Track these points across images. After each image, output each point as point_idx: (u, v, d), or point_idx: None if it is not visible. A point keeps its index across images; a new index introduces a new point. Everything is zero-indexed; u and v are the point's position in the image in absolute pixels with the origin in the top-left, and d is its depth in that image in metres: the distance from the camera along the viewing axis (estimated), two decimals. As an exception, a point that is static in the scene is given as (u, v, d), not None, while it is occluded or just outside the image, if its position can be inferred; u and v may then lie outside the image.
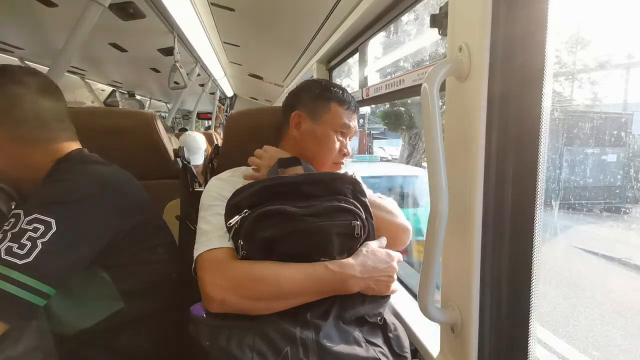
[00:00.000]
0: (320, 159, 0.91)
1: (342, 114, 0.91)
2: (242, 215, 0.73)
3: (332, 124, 0.90)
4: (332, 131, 0.90)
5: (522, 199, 0.56)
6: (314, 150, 0.91)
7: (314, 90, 0.93)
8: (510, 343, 0.61)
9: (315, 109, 0.91)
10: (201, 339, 0.67)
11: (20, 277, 0.59)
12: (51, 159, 0.76)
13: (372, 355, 0.67)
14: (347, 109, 0.92)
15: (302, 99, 0.93)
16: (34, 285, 0.60)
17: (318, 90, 0.93)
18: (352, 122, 0.93)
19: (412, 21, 1.69)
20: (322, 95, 0.92)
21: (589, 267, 2.33)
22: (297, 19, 1.82)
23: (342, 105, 0.91)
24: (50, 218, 0.63)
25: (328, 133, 0.90)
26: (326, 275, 0.70)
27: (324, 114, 0.90)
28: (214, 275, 0.70)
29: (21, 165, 0.74)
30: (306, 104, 0.92)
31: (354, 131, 0.94)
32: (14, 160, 0.74)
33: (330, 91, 0.92)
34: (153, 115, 1.21)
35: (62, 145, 0.78)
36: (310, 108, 0.91)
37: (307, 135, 0.91)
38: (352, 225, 0.74)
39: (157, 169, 1.25)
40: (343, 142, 0.92)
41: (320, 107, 0.91)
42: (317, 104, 0.91)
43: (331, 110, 0.90)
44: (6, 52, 2.93)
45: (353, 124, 0.93)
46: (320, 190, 0.76)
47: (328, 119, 0.90)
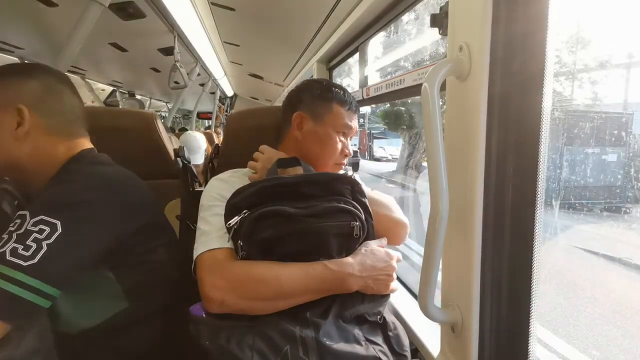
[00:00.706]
0: (323, 160, 0.91)
1: (344, 114, 0.91)
2: (241, 215, 0.73)
3: (334, 124, 0.90)
4: (334, 132, 0.90)
5: (522, 199, 0.56)
6: (316, 151, 0.91)
7: (315, 90, 0.93)
8: (510, 343, 0.61)
9: (317, 109, 0.91)
10: (201, 339, 0.67)
11: (25, 278, 0.59)
12: (67, 154, 0.77)
13: (372, 353, 0.67)
14: (349, 109, 0.92)
15: (303, 100, 0.93)
16: (38, 287, 0.60)
17: (319, 90, 0.92)
18: (353, 122, 0.93)
19: (412, 21, 1.68)
20: (323, 95, 0.92)
21: (589, 267, 2.32)
22: (297, 18, 1.82)
23: (344, 106, 0.91)
24: (56, 220, 0.63)
25: (330, 134, 0.90)
26: (325, 274, 0.70)
27: (325, 115, 0.90)
28: (214, 276, 0.70)
29: (43, 157, 0.75)
30: (307, 105, 0.92)
31: (354, 131, 0.94)
32: (39, 151, 0.75)
33: (331, 91, 0.92)
34: (153, 115, 1.21)
35: (79, 141, 0.81)
36: (312, 109, 0.91)
37: (309, 136, 0.91)
38: (351, 226, 0.74)
39: (157, 169, 1.25)
40: (344, 143, 0.92)
41: (321, 107, 0.91)
42: (318, 104, 0.91)
43: (333, 110, 0.90)
44: (6, 51, 2.93)
45: (354, 124, 0.93)
46: (319, 191, 0.77)
47: (330, 119, 0.90)
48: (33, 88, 0.75)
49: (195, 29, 2.41)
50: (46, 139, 0.75)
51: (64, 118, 0.78)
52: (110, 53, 2.93)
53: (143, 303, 0.78)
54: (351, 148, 0.95)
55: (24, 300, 0.59)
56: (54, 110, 0.77)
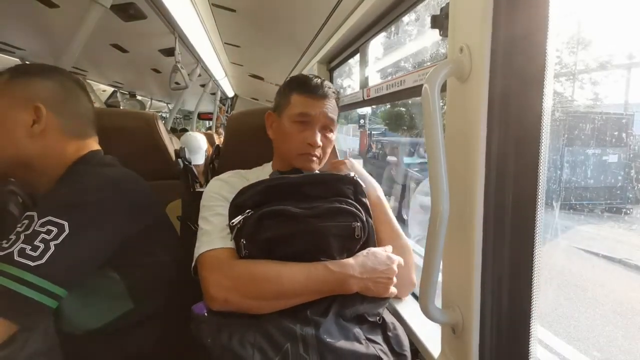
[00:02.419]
0: (287, 153, 0.88)
1: (301, 102, 0.86)
2: (244, 215, 0.73)
3: (290, 114, 0.87)
4: (290, 121, 0.87)
5: (522, 200, 0.56)
6: (281, 145, 0.90)
7: (281, 87, 0.94)
8: (511, 343, 0.61)
9: (279, 104, 0.91)
10: (203, 337, 0.68)
11: (33, 278, 0.59)
12: (76, 155, 0.78)
13: (372, 352, 0.67)
14: (308, 96, 0.86)
15: (275, 99, 0.94)
16: (46, 287, 0.60)
17: (284, 85, 0.93)
18: (317, 109, 0.85)
19: (412, 22, 1.68)
20: (283, 89, 0.92)
21: (589, 268, 2.32)
22: (297, 19, 1.82)
23: (302, 94, 0.87)
24: (63, 220, 0.63)
25: (288, 124, 0.87)
26: (326, 274, 0.71)
27: (284, 107, 0.89)
28: (217, 275, 0.71)
29: (52, 157, 0.76)
30: (276, 102, 0.93)
31: (322, 119, 0.86)
32: (50, 150, 0.76)
33: (291, 83, 0.90)
34: (154, 115, 1.21)
35: (88, 143, 0.82)
36: (277, 105, 0.92)
37: (276, 133, 0.92)
38: (352, 227, 0.75)
39: (158, 170, 1.25)
40: (308, 133, 0.86)
41: (282, 100, 0.91)
42: (280, 99, 0.92)
43: (291, 101, 0.88)
44: (7, 52, 2.93)
45: (317, 111, 0.85)
46: (322, 191, 0.77)
47: (287, 110, 0.88)
48: (52, 88, 0.77)
49: (196, 30, 2.41)
50: (59, 138, 0.77)
51: (78, 120, 0.81)
52: (111, 54, 2.93)
53: (146, 303, 0.78)
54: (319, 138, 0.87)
55: (31, 300, 0.59)
56: (70, 112, 0.79)
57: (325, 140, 0.88)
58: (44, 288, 0.60)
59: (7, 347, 0.60)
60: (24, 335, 0.62)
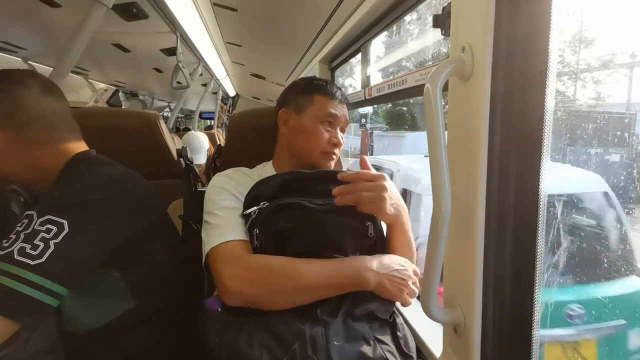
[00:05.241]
0: (309, 151, 0.90)
1: (327, 103, 0.90)
2: (260, 206, 0.73)
3: (317, 114, 0.90)
4: (317, 122, 0.89)
5: (524, 199, 0.56)
6: (302, 143, 0.91)
7: (298, 87, 0.94)
8: (513, 343, 0.61)
9: (300, 103, 0.92)
10: (209, 336, 0.67)
11: (33, 277, 0.59)
12: (61, 160, 0.76)
13: (380, 354, 0.67)
14: (332, 98, 0.91)
15: (288, 98, 0.95)
16: (46, 286, 0.60)
17: (302, 85, 0.94)
18: (339, 111, 0.91)
19: (414, 21, 1.68)
20: (305, 89, 0.93)
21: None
22: (299, 18, 1.82)
23: (326, 96, 0.91)
24: (62, 219, 0.64)
25: (314, 124, 0.89)
26: (344, 268, 0.70)
27: (308, 107, 0.91)
28: (232, 266, 0.69)
29: (31, 166, 0.75)
30: (292, 101, 0.93)
31: (343, 121, 0.93)
32: (23, 161, 0.74)
33: (313, 84, 0.92)
34: (156, 115, 1.21)
35: (70, 146, 0.79)
36: (296, 104, 0.92)
37: (294, 130, 0.91)
38: (366, 225, 0.75)
39: (160, 169, 1.25)
40: (332, 132, 0.91)
41: (304, 100, 0.91)
42: (301, 98, 0.92)
43: (315, 101, 0.90)
44: (9, 52, 2.94)
45: (341, 113, 0.92)
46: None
47: (313, 110, 0.90)
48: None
49: (197, 29, 2.41)
50: (23, 149, 0.73)
51: (39, 124, 0.74)
52: (113, 53, 2.93)
53: (148, 302, 0.78)
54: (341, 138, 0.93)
55: (32, 298, 0.59)
56: (23, 120, 0.72)
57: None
58: (45, 287, 0.60)
59: (9, 345, 0.60)
60: (26, 334, 0.62)
